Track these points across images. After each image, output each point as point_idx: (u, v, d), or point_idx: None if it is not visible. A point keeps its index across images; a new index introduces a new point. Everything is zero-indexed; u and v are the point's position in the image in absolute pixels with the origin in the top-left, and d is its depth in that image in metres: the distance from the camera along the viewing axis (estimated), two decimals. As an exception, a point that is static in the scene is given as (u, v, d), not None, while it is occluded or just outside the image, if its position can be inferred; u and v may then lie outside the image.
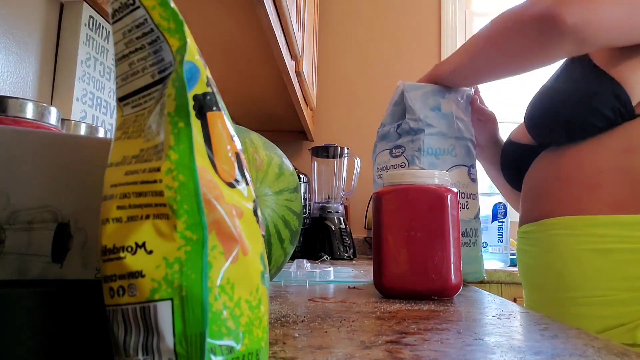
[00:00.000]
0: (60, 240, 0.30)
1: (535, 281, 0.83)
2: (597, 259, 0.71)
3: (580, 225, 0.73)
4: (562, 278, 0.75)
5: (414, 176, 0.59)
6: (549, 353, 0.32)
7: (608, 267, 0.70)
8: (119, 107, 0.25)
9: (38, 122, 0.54)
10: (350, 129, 2.15)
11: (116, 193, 0.22)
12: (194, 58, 0.23)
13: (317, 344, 0.33)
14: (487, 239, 1.58)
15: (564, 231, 0.75)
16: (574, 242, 0.74)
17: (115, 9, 0.24)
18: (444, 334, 0.37)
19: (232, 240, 0.22)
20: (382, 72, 2.18)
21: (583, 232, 0.73)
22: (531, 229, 0.83)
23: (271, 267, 0.58)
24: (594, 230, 0.72)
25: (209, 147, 0.23)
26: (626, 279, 0.69)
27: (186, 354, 0.19)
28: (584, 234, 0.73)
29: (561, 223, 0.76)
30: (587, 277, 0.72)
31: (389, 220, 0.59)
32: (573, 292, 0.73)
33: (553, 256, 0.77)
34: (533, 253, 0.83)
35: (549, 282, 0.78)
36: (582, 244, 0.73)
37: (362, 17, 2.23)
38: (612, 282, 0.70)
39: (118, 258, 0.21)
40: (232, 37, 1.08)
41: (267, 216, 0.56)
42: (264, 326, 0.24)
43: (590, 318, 0.71)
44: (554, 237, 0.77)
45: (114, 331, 0.21)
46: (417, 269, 0.57)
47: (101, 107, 1.00)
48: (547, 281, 0.79)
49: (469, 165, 0.81)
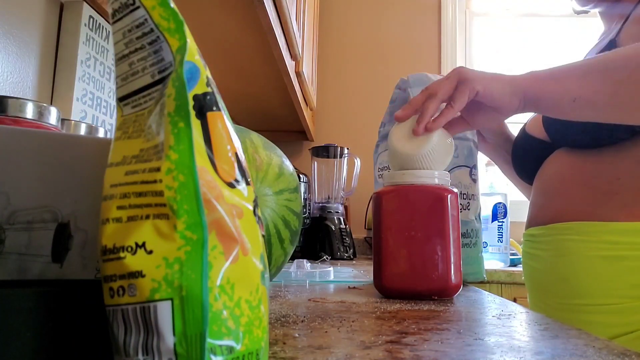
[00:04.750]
0: (60, 240, 0.30)
1: (543, 286, 0.82)
2: (608, 266, 0.70)
3: (593, 232, 0.72)
4: (572, 284, 0.74)
5: (414, 176, 0.59)
6: (549, 353, 0.32)
7: (619, 274, 0.69)
8: (119, 107, 0.25)
9: (38, 122, 0.54)
10: (350, 129, 2.15)
11: (116, 193, 0.22)
12: (194, 58, 0.23)
13: (317, 344, 0.33)
14: (487, 239, 1.58)
15: (576, 237, 0.74)
16: (586, 248, 0.73)
17: (115, 9, 0.24)
18: (444, 334, 0.37)
19: (232, 240, 0.22)
20: (382, 72, 2.18)
21: (595, 238, 0.72)
22: (540, 232, 0.82)
23: (271, 267, 0.58)
24: (607, 237, 0.71)
25: (209, 147, 0.23)
26: (637, 286, 0.68)
27: (186, 354, 0.19)
28: (596, 240, 0.72)
29: (573, 228, 0.75)
30: (598, 284, 0.71)
31: (389, 220, 0.59)
32: (583, 299, 0.73)
33: (564, 261, 0.76)
34: (542, 257, 0.81)
35: (559, 288, 0.77)
36: (594, 250, 0.72)
37: (362, 17, 2.23)
38: (624, 290, 0.69)
39: (118, 258, 0.21)
40: (232, 37, 1.08)
41: (267, 216, 0.56)
42: (264, 326, 0.24)
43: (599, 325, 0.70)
44: (565, 242, 0.76)
45: (114, 331, 0.21)
46: (417, 269, 0.57)
47: (101, 107, 1.00)
48: (557, 286, 0.78)
49: (471, 166, 0.81)
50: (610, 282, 0.70)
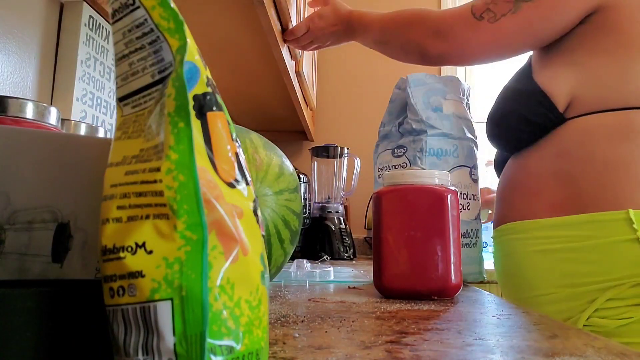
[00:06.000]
0: (60, 240, 0.30)
1: (503, 283, 0.90)
2: (544, 260, 0.76)
3: (528, 229, 0.78)
4: (519, 279, 0.81)
5: (414, 176, 0.59)
6: (549, 353, 0.32)
7: (552, 266, 0.75)
8: (119, 107, 0.25)
9: (38, 122, 0.54)
10: (350, 129, 2.15)
11: (116, 193, 0.22)
12: (194, 58, 0.23)
13: (317, 344, 0.33)
14: (487, 239, 1.58)
15: (515, 235, 0.81)
16: (524, 245, 0.79)
17: (115, 9, 0.24)
18: (444, 334, 0.37)
19: (232, 240, 0.22)
20: (382, 72, 2.18)
21: (530, 235, 0.78)
22: (495, 235, 0.89)
23: (271, 267, 0.58)
24: (539, 232, 0.76)
25: (209, 147, 0.23)
26: (566, 275, 0.73)
27: (186, 354, 0.19)
28: (531, 237, 0.78)
29: (513, 228, 0.81)
30: (538, 277, 0.77)
31: (389, 220, 0.59)
32: (530, 291, 0.79)
33: (511, 260, 0.83)
34: (497, 258, 0.89)
35: (511, 284, 0.85)
36: (531, 246, 0.78)
37: (362, 17, 2.22)
38: (556, 280, 0.75)
39: (118, 258, 0.21)
40: (232, 37, 1.08)
41: (267, 216, 0.56)
42: (264, 326, 0.24)
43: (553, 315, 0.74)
44: (509, 241, 0.83)
45: (114, 331, 0.21)
46: (417, 269, 0.57)
47: (101, 107, 1.00)
48: (510, 283, 0.85)
49: (471, 166, 0.81)
50: (546, 274, 0.76)
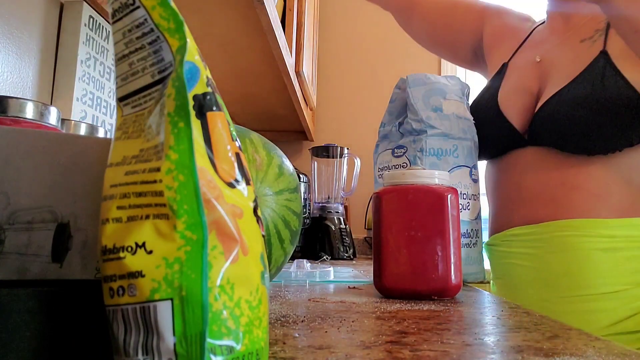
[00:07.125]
0: (60, 240, 0.30)
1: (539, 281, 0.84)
2: (607, 258, 0.77)
3: (591, 227, 0.79)
4: (573, 277, 0.79)
5: (414, 176, 0.59)
6: (549, 353, 0.32)
7: (618, 264, 0.76)
8: (119, 107, 0.25)
9: (38, 122, 0.54)
10: (350, 129, 2.15)
11: (116, 193, 0.22)
12: (194, 58, 0.23)
13: (317, 344, 0.33)
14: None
15: (574, 232, 0.80)
16: (584, 242, 0.79)
17: (115, 9, 0.24)
18: (444, 334, 0.37)
19: (232, 240, 0.22)
20: (382, 72, 2.18)
21: (593, 233, 0.78)
22: (530, 231, 0.85)
23: (271, 267, 0.58)
24: (604, 231, 0.78)
25: (209, 147, 0.23)
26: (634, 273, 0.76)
27: (186, 354, 0.19)
28: (594, 235, 0.78)
29: (571, 225, 0.80)
30: (598, 275, 0.77)
31: (389, 220, 0.59)
32: (586, 289, 0.78)
33: (562, 256, 0.81)
34: (534, 255, 0.85)
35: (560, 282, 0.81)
36: (593, 244, 0.78)
37: (362, 17, 2.22)
38: (623, 278, 0.76)
39: (118, 258, 0.21)
40: (232, 37, 1.08)
41: (267, 216, 0.56)
42: (264, 326, 0.24)
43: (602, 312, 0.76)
44: (563, 238, 0.81)
45: (114, 331, 0.21)
46: (417, 269, 0.57)
47: (101, 107, 1.00)
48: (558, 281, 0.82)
49: (471, 166, 0.81)
50: (610, 272, 0.77)
